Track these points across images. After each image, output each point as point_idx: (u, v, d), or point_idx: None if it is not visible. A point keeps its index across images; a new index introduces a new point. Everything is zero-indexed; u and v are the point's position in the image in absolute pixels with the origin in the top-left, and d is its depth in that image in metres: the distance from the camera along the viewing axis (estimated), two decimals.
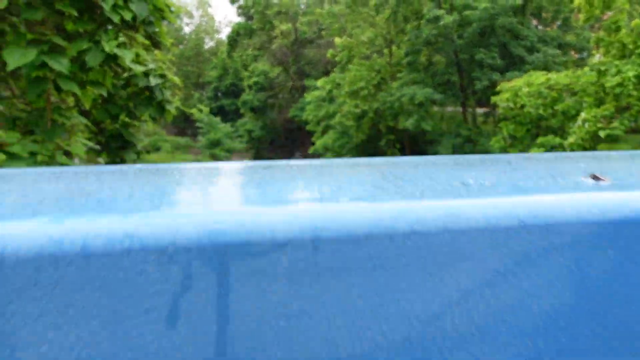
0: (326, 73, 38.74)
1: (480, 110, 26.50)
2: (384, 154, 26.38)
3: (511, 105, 15.68)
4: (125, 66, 4.33)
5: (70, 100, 6.75)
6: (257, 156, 43.35)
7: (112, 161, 7.02)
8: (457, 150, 20.80)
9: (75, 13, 4.07)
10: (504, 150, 16.91)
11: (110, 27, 4.23)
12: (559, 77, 14.55)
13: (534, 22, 23.57)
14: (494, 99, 17.03)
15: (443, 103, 22.70)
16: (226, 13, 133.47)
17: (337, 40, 27.96)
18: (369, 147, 27.95)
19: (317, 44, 42.49)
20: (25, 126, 5.08)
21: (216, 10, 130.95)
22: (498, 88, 16.86)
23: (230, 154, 31.60)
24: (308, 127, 31.71)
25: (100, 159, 7.41)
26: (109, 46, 3.99)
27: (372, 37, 25.91)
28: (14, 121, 5.49)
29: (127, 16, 4.12)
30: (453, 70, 21.70)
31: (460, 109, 25.11)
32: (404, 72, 23.39)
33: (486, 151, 19.92)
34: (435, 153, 20.99)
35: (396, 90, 22.39)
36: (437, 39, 21.34)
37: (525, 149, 16.28)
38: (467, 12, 19.98)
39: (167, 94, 5.52)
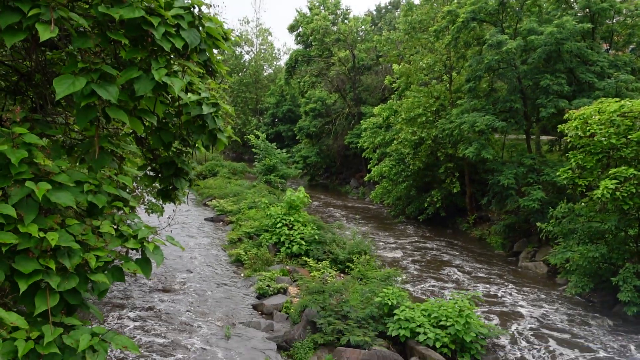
0: (383, 100, 38.59)
1: (545, 138, 25.39)
2: (442, 182, 25.66)
3: (580, 133, 14.83)
4: (175, 94, 4.17)
5: (127, 129, 6.74)
6: (312, 182, 43.33)
7: (164, 188, 6.93)
8: (519, 180, 19.87)
9: (126, 41, 3.96)
10: (571, 181, 15.98)
11: (161, 55, 4.08)
12: (634, 104, 13.62)
13: (605, 46, 22.44)
14: (561, 127, 16.16)
15: (505, 131, 21.85)
16: (285, 40, 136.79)
17: (395, 66, 27.71)
18: (427, 175, 27.31)
19: (375, 71, 42.47)
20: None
21: (276, 38, 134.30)
22: (566, 116, 16.00)
23: (285, 180, 31.64)
24: (364, 154, 31.42)
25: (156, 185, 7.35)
26: (158, 74, 3.84)
27: (431, 63, 25.50)
28: (69, 149, 5.47)
29: (178, 44, 3.96)
30: (516, 97, 20.87)
31: (523, 136, 24.14)
32: (464, 99, 22.75)
33: (552, 182, 18.91)
34: (496, 183, 20.14)
35: (456, 118, 21.78)
36: (499, 64, 20.64)
37: (595, 181, 15.30)
38: (531, 37, 19.22)
39: (220, 122, 5.35)
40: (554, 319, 13.31)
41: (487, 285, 16.08)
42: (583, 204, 15.04)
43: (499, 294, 15.24)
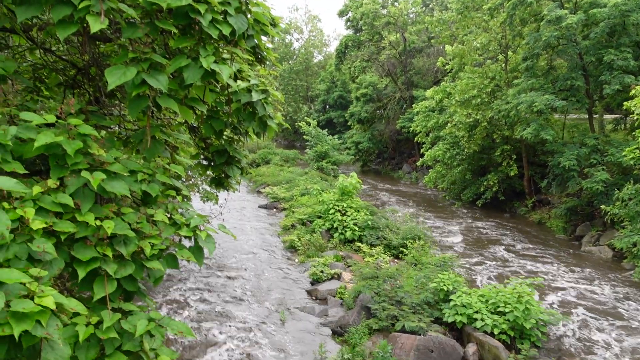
0: (435, 82, 37.79)
1: (609, 117, 24.14)
2: (499, 165, 24.92)
3: None
4: (223, 82, 4.16)
5: (179, 118, 6.84)
6: (364, 168, 43.09)
7: (217, 176, 7.01)
8: (581, 161, 18.99)
9: (175, 30, 3.97)
10: (638, 161, 15.15)
11: (209, 42, 4.07)
12: None
13: None
14: (626, 104, 15.33)
15: (565, 110, 20.91)
16: (335, 26, 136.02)
17: (448, 48, 26.99)
18: (482, 159, 26.60)
19: (426, 53, 41.61)
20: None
21: (325, 24, 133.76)
22: (632, 92, 15.16)
23: (337, 167, 31.59)
24: (417, 139, 30.92)
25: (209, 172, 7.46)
26: (206, 62, 3.83)
27: (486, 42, 24.66)
28: (125, 140, 5.60)
29: (226, 30, 3.94)
30: (577, 74, 19.84)
31: (585, 116, 23.05)
32: (521, 78, 21.88)
33: (617, 163, 17.99)
34: (557, 164, 19.33)
35: (512, 98, 21.00)
36: (559, 41, 19.69)
37: None
38: (593, 11, 18.19)
39: (270, 109, 5.33)
40: (620, 305, 12.71)
41: (548, 270, 15.53)
42: None
43: (561, 279, 14.69)
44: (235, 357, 9.63)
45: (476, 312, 10.09)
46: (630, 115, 16.00)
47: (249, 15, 4.44)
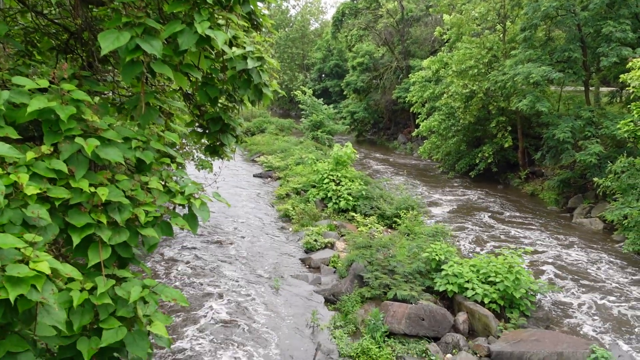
0: (433, 52, 37.42)
1: (605, 90, 24.07)
2: (494, 137, 24.92)
3: None
4: (218, 48, 4.10)
5: (174, 85, 6.77)
6: (359, 138, 43.00)
7: (212, 144, 6.98)
8: (576, 133, 19.00)
9: None
10: (632, 134, 15.16)
11: (203, 7, 4.00)
12: None
13: None
14: (623, 77, 15.24)
15: (562, 82, 20.80)
16: None
17: (446, 17, 26.64)
18: (477, 130, 26.59)
19: (424, 22, 41.07)
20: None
21: None
22: (629, 65, 15.06)
23: (332, 136, 31.49)
24: (412, 109, 30.78)
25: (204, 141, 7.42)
26: (201, 27, 3.77)
27: (484, 12, 24.33)
28: (119, 107, 5.55)
29: None
30: (575, 46, 19.67)
31: (581, 88, 22.96)
32: (519, 49, 21.70)
33: (611, 136, 18.02)
34: (551, 137, 19.34)
35: (509, 69, 20.87)
36: (557, 12, 19.47)
37: None
38: None
39: (265, 77, 5.28)
40: (610, 276, 12.92)
41: (539, 241, 15.71)
42: None
43: (552, 250, 14.88)
44: (227, 315, 9.77)
45: (467, 281, 10.24)
46: (627, 88, 15.94)
47: None
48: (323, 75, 59.55)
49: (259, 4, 5.17)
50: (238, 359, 8.52)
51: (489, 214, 19.22)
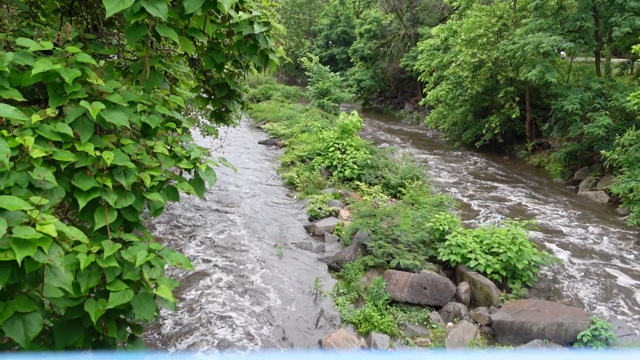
0: (442, 20, 36.77)
1: (616, 61, 23.67)
2: (501, 107, 24.68)
3: None
4: (224, 13, 4.03)
5: (179, 50, 6.69)
6: (366, 107, 42.69)
7: (217, 110, 6.94)
8: (585, 105, 18.78)
9: None
10: None
11: None
12: None
13: None
14: (635, 48, 14.99)
15: (572, 52, 20.45)
16: None
17: None
18: (485, 100, 26.31)
19: None
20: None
21: None
22: None
23: (338, 104, 31.27)
24: (420, 78, 30.42)
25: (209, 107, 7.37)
26: None
27: None
28: (124, 71, 5.50)
29: None
30: (587, 15, 19.24)
31: (592, 59, 22.58)
32: (530, 18, 21.27)
33: (620, 108, 17.81)
34: (559, 108, 19.13)
35: (519, 38, 20.51)
36: None
37: None
38: None
39: (272, 42, 5.20)
40: (613, 249, 12.96)
41: (544, 213, 15.72)
42: None
43: (556, 222, 14.90)
44: (232, 281, 9.91)
45: (470, 251, 10.29)
46: (638, 60, 15.68)
47: None
48: (330, 42, 58.74)
49: None
50: (241, 325, 8.66)
51: (494, 185, 19.19)
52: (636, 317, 9.56)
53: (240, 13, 4.78)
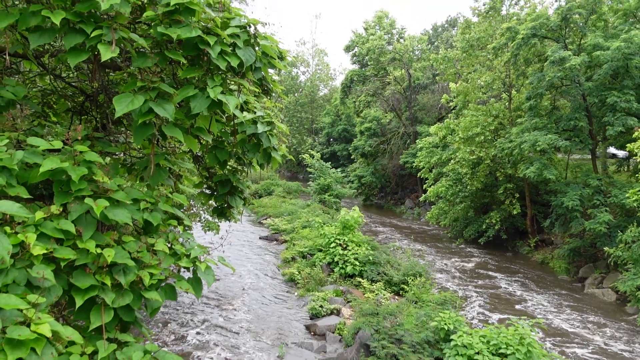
0: (439, 119, 38.08)
1: (614, 153, 24.17)
2: (501, 203, 24.85)
3: None
4: (229, 113, 4.19)
5: (184, 147, 6.87)
6: (367, 202, 43.02)
7: (219, 206, 7.00)
8: (584, 201, 18.93)
9: (184, 60, 4.02)
10: None
11: (217, 73, 4.12)
12: None
13: None
14: (629, 146, 15.38)
15: (568, 150, 20.97)
16: (341, 61, 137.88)
17: (452, 85, 27.28)
18: (485, 196, 26.55)
19: (431, 90, 42.04)
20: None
21: (331, 58, 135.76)
22: (635, 134, 15.22)
23: (339, 200, 31.54)
24: (420, 174, 30.93)
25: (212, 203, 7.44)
26: (213, 92, 3.87)
27: (490, 81, 24.94)
28: (129, 167, 5.61)
29: (234, 62, 3.99)
30: (581, 115, 19.98)
31: (588, 156, 23.08)
32: (525, 117, 22.04)
33: (620, 204, 17.92)
34: (560, 204, 19.26)
35: (516, 137, 21.11)
36: (562, 82, 19.92)
37: None
38: (597, 53, 18.44)
39: (274, 141, 5.35)
40: (623, 350, 12.47)
41: (551, 312, 15.30)
42: None
43: (564, 322, 14.46)
44: None
45: (477, 352, 9.90)
46: (634, 157, 16.02)
47: (257, 48, 4.49)
48: (331, 139, 60.42)
49: (269, 70, 5.31)
50: None
51: (498, 282, 18.86)
52: None
53: (245, 113, 4.96)
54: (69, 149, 3.52)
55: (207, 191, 7.10)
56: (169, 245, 3.95)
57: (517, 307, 15.75)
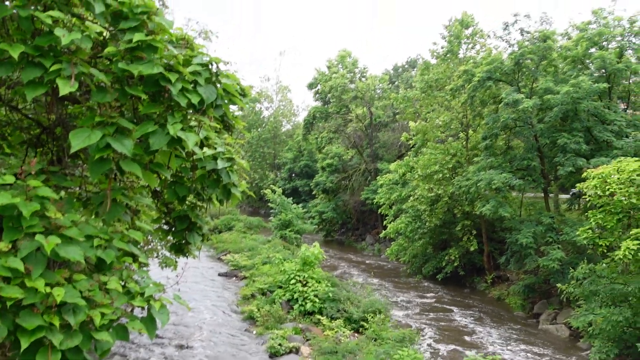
0: (400, 156, 38.76)
1: (563, 197, 25.05)
2: (459, 240, 25.26)
3: (599, 193, 14.60)
4: (189, 149, 4.18)
5: (143, 182, 6.76)
6: (328, 238, 43.00)
7: (177, 242, 6.87)
8: (538, 239, 19.45)
9: (144, 96, 4.01)
10: (592, 241, 15.58)
11: (177, 110, 4.12)
12: None
13: (622, 105, 22.43)
14: (579, 185, 15.96)
15: (522, 189, 21.66)
16: (304, 97, 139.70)
17: (412, 124, 27.96)
18: (443, 233, 26.96)
19: (391, 128, 42.90)
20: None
21: (295, 95, 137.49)
22: (584, 174, 15.84)
23: (300, 236, 31.42)
24: (380, 210, 31.24)
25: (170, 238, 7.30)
26: (173, 129, 3.85)
27: (448, 120, 25.69)
28: (85, 202, 5.48)
29: (195, 100, 4.01)
30: (533, 155, 20.78)
31: (541, 195, 23.87)
32: (481, 156, 22.73)
33: (572, 242, 18.49)
34: (514, 241, 19.73)
35: (472, 175, 21.69)
36: (515, 123, 20.72)
37: (616, 241, 14.92)
38: (547, 96, 19.32)
39: (235, 177, 5.34)
40: None
41: (507, 349, 15.47)
42: (604, 264, 14.64)
43: (517, 356, 14.62)
44: None
45: None
46: (583, 196, 16.63)
47: (218, 86, 4.52)
48: (293, 175, 60.52)
49: (231, 107, 5.34)
50: None
51: (455, 318, 19.01)
52: None
53: (205, 149, 4.94)
54: (22, 183, 3.43)
55: (166, 227, 6.97)
56: (123, 284, 3.85)
57: (474, 343, 15.87)
